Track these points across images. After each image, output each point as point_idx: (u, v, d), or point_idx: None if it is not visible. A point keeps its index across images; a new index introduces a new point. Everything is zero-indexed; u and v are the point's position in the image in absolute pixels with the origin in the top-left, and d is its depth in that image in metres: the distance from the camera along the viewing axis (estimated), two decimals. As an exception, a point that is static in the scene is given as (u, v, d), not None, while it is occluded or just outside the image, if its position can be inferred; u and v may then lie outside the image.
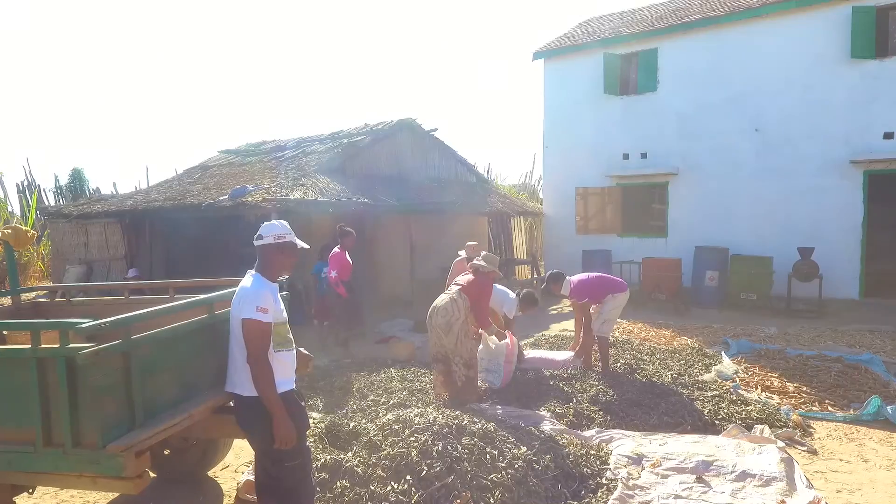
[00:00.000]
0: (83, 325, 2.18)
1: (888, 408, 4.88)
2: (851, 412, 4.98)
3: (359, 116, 67.03)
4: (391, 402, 4.78)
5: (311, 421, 4.91)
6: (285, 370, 2.86)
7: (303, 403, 2.96)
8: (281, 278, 3.00)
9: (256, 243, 2.88)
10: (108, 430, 2.25)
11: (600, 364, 5.97)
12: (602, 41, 12.44)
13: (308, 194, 8.38)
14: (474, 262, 5.36)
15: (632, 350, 6.95)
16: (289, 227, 2.95)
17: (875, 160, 9.63)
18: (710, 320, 9.37)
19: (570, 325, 9.22)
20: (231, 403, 2.89)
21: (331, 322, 7.94)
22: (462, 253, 7.05)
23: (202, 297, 2.87)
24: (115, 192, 18.06)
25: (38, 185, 20.34)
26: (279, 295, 2.90)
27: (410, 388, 5.47)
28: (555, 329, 9.00)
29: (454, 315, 4.92)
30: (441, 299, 5.12)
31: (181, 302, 2.74)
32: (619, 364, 6.19)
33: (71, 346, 2.23)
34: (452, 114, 68.08)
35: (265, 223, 2.94)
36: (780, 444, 4.18)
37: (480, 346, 5.50)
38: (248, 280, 2.82)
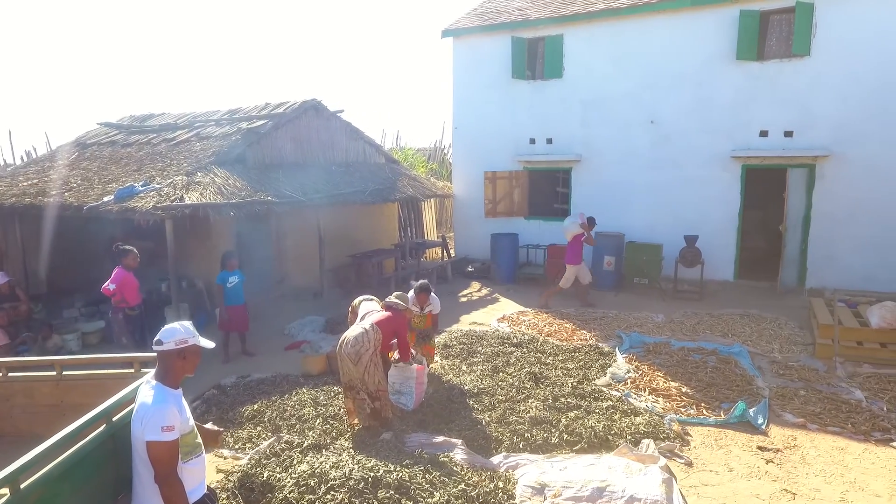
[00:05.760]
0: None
1: (750, 411, 5.61)
2: (722, 415, 5.67)
3: (255, 93, 61.73)
4: (305, 443, 4.78)
5: (222, 460, 4.88)
6: (196, 478, 2.79)
7: (215, 504, 2.91)
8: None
9: (156, 349, 2.72)
10: None
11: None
12: (510, 24, 12.40)
13: (206, 195, 7.84)
14: (387, 300, 5.50)
15: (536, 352, 7.35)
16: (191, 327, 2.80)
17: (751, 156, 10.56)
18: (608, 305, 10.11)
19: (480, 316, 9.55)
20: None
21: (240, 333, 7.68)
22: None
23: (98, 410, 2.68)
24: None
25: None
26: (182, 400, 2.78)
27: (324, 415, 5.49)
28: (465, 322, 9.25)
29: (364, 346, 5.07)
30: (352, 331, 5.23)
31: (75, 425, 2.54)
32: (523, 371, 6.55)
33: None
34: (355, 83, 64.16)
35: (165, 327, 2.77)
36: (663, 461, 4.68)
37: (392, 369, 5.64)
38: (148, 393, 2.66)
